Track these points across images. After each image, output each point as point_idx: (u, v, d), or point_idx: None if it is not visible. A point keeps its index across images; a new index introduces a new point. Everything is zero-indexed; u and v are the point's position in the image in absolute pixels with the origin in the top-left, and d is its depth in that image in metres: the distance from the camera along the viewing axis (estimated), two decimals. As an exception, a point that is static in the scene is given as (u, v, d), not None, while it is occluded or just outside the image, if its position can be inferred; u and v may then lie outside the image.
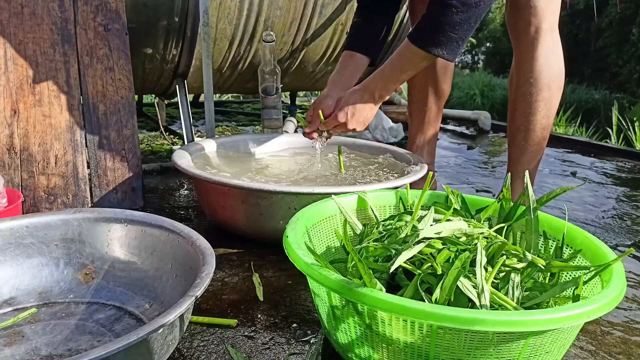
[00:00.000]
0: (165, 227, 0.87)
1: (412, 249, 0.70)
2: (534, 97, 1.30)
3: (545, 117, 1.32)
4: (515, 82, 1.34)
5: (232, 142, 1.54)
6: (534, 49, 1.28)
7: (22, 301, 0.85)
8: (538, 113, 1.31)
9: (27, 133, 1.28)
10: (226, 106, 3.56)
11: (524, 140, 1.34)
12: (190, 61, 1.91)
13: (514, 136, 1.36)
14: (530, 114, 1.31)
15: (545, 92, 1.29)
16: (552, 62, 1.29)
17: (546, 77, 1.28)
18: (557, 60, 1.30)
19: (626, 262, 1.18)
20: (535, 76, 1.29)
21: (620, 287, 0.63)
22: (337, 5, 2.08)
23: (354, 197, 0.95)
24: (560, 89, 1.32)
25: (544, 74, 1.28)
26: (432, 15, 1.06)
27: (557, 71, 1.30)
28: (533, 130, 1.33)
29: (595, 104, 6.82)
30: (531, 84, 1.29)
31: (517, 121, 1.34)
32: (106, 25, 1.37)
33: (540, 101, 1.30)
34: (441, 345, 0.60)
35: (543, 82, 1.29)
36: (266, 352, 0.78)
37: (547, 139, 1.36)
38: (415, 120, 1.55)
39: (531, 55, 1.28)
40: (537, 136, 1.33)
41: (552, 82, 1.29)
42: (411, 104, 1.56)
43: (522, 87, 1.31)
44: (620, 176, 2.04)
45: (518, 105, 1.34)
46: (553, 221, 0.85)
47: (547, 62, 1.28)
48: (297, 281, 1.01)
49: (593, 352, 0.83)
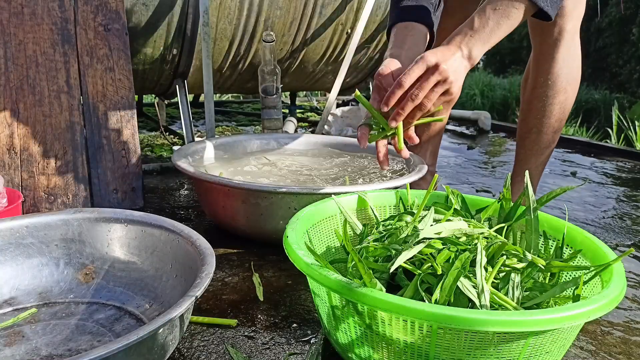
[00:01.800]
0: (165, 227, 0.87)
1: (412, 249, 0.70)
2: (550, 99, 1.26)
3: (559, 120, 1.28)
4: (532, 82, 1.29)
5: (232, 142, 1.54)
6: (555, 50, 1.23)
7: (22, 301, 0.85)
8: (552, 116, 1.28)
9: (27, 133, 1.28)
10: (226, 106, 3.56)
11: (535, 143, 1.31)
12: (190, 61, 1.91)
13: (525, 137, 1.33)
14: (544, 117, 1.28)
15: (562, 95, 1.26)
16: (572, 65, 1.25)
17: (564, 80, 1.25)
18: (576, 63, 1.26)
19: (626, 262, 1.18)
20: (554, 78, 1.25)
21: (620, 287, 0.63)
22: (337, 5, 2.08)
23: (354, 197, 0.95)
24: (575, 92, 1.28)
25: (563, 76, 1.24)
26: None
27: (575, 74, 1.26)
28: (545, 133, 1.29)
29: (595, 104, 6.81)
30: (548, 85, 1.25)
31: (530, 122, 1.31)
32: (106, 25, 1.37)
33: (555, 104, 1.26)
34: (441, 345, 0.60)
35: (560, 85, 1.25)
36: (266, 352, 0.78)
37: (556, 142, 1.33)
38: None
39: (552, 56, 1.24)
40: (548, 139, 1.30)
41: (569, 85, 1.25)
42: None
43: (539, 88, 1.27)
44: (620, 176, 2.04)
45: (532, 107, 1.30)
46: (553, 221, 0.85)
47: (566, 65, 1.24)
48: (297, 281, 1.01)
49: (593, 352, 0.83)
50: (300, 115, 3.10)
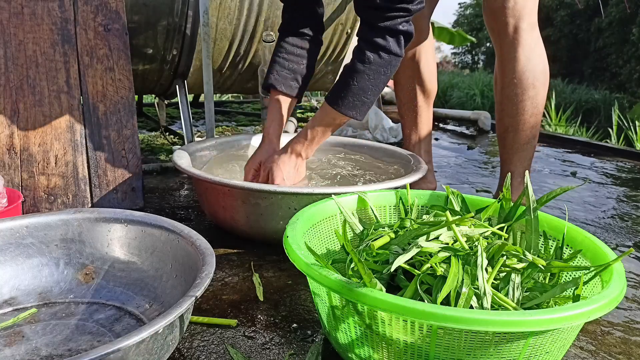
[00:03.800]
0: (165, 227, 0.87)
1: (410, 251, 0.70)
2: (519, 97, 1.29)
3: (533, 115, 1.31)
4: (500, 83, 1.33)
5: (232, 142, 1.54)
6: (514, 50, 1.26)
7: (22, 301, 0.85)
8: (525, 113, 1.30)
9: (27, 133, 1.28)
10: (226, 106, 3.56)
11: (514, 141, 1.33)
12: (190, 61, 1.91)
13: (504, 137, 1.36)
14: (518, 114, 1.30)
15: (531, 91, 1.28)
16: (535, 61, 1.27)
17: (530, 77, 1.27)
18: (540, 58, 1.28)
19: (626, 262, 1.18)
20: (519, 76, 1.27)
21: (620, 287, 0.63)
22: (337, 5, 2.08)
23: (354, 197, 0.95)
24: (545, 85, 1.30)
25: (527, 73, 1.27)
26: (346, 80, 1.12)
27: (541, 69, 1.28)
28: (522, 130, 1.32)
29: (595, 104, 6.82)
30: (515, 84, 1.28)
31: (505, 122, 1.34)
32: (106, 25, 1.37)
33: (526, 100, 1.29)
34: (441, 345, 0.60)
35: (527, 82, 1.27)
36: (266, 352, 0.78)
37: (537, 136, 1.35)
38: (407, 120, 1.56)
39: (512, 56, 1.27)
40: (527, 135, 1.32)
41: (536, 81, 1.28)
42: (401, 106, 1.56)
43: (507, 88, 1.30)
44: (620, 176, 2.04)
45: (504, 107, 1.33)
46: (553, 221, 0.85)
47: (529, 62, 1.27)
48: (297, 281, 1.01)
49: (593, 352, 0.83)
50: (300, 115, 3.10)
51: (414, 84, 1.50)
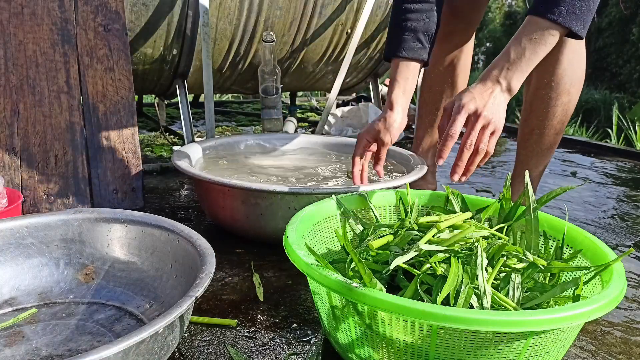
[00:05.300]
0: (165, 227, 0.87)
1: (410, 252, 0.70)
2: (552, 101, 1.23)
3: (561, 122, 1.26)
4: (535, 83, 1.25)
5: (232, 142, 1.54)
6: (560, 52, 1.18)
7: (22, 301, 0.85)
8: (554, 118, 1.24)
9: (27, 133, 1.28)
10: (226, 106, 3.56)
11: (537, 144, 1.28)
12: (190, 61, 1.91)
13: (526, 138, 1.30)
14: (547, 118, 1.25)
15: (565, 96, 1.22)
16: (576, 67, 1.21)
17: (567, 82, 1.21)
18: (581, 65, 1.22)
19: (626, 262, 1.18)
20: (557, 80, 1.21)
21: (621, 287, 0.63)
22: (337, 5, 2.08)
23: (354, 197, 0.95)
24: (578, 94, 1.25)
25: (566, 78, 1.20)
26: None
27: (580, 76, 1.22)
28: (547, 135, 1.26)
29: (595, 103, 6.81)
30: (552, 87, 1.22)
31: (532, 123, 1.28)
32: (106, 25, 1.37)
33: (558, 106, 1.23)
34: (441, 345, 0.60)
35: (564, 87, 1.21)
36: (266, 352, 0.78)
37: (558, 143, 1.30)
38: (424, 122, 1.48)
39: (556, 57, 1.19)
40: (550, 140, 1.28)
41: (572, 87, 1.22)
42: (423, 106, 1.48)
43: (542, 89, 1.23)
44: (621, 176, 2.04)
45: (535, 108, 1.27)
46: (553, 221, 0.85)
47: (571, 66, 1.20)
48: (297, 281, 1.01)
49: (593, 352, 0.83)
50: (300, 115, 3.10)
51: (443, 87, 1.42)
